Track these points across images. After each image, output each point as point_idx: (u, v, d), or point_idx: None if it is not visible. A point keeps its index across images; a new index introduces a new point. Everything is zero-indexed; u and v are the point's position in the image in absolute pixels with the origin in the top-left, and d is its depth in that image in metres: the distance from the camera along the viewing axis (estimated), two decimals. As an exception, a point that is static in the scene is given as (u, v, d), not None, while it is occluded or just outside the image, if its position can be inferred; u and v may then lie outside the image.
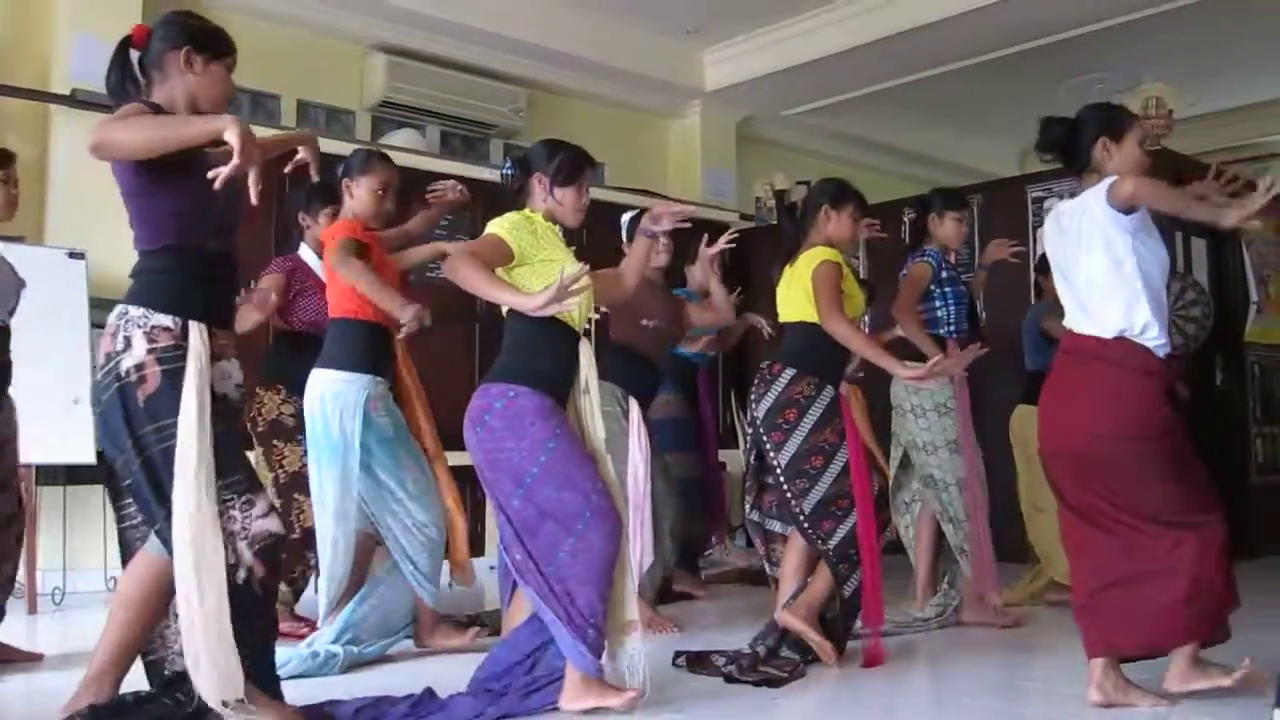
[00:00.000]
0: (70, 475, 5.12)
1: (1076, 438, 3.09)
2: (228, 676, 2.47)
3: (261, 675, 2.59)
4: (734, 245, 4.06)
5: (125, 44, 2.65)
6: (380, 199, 3.81)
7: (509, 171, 3.25)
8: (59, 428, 4.79)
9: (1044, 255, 5.70)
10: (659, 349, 4.56)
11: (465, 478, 3.97)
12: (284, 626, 3.78)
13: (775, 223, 7.93)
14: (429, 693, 3.05)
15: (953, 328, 4.40)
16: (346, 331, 3.72)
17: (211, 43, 2.65)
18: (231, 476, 2.50)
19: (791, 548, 3.74)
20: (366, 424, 3.65)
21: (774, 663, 3.53)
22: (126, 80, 2.63)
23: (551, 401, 3.00)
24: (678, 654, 3.65)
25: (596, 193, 7.10)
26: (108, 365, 2.46)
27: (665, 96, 8.27)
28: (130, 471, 2.50)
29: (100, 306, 4.72)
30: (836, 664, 3.55)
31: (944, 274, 4.41)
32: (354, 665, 3.61)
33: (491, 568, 5.89)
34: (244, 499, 2.50)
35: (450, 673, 3.33)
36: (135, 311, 2.48)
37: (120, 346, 2.45)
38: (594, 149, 7.87)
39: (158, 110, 2.54)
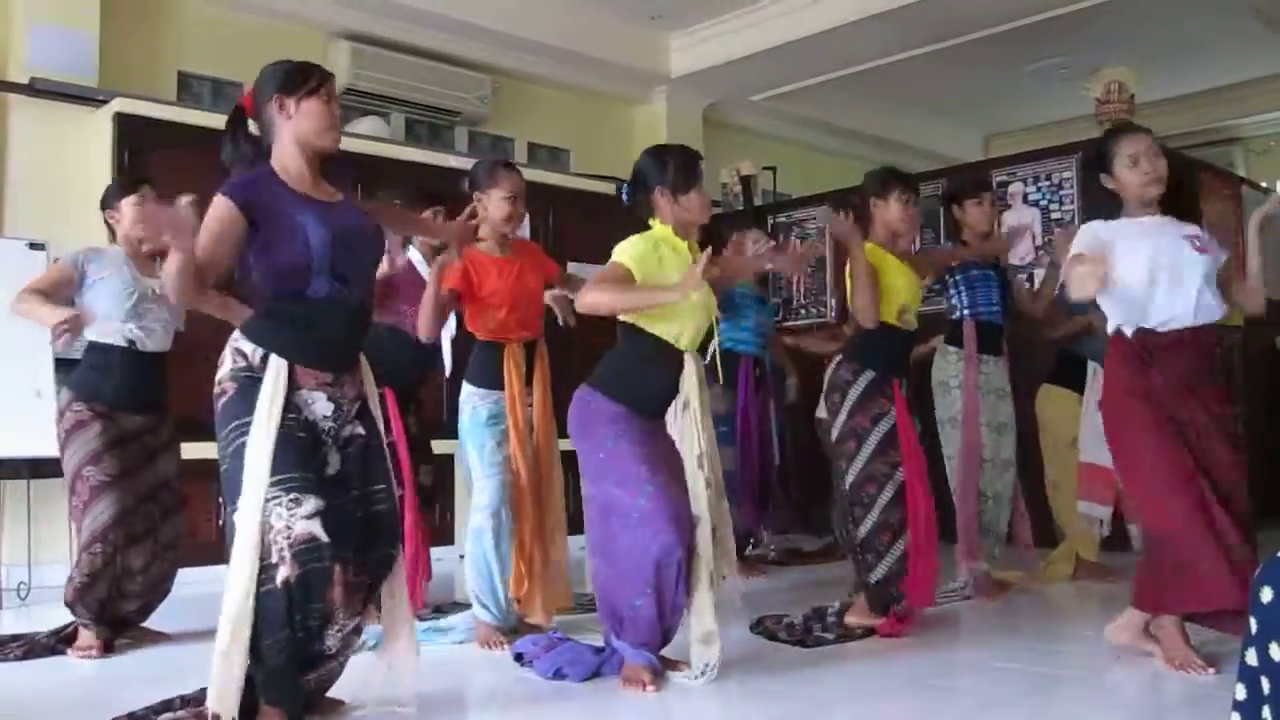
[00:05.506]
0: (34, 469, 5.05)
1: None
2: (224, 689, 2.41)
3: (277, 693, 2.52)
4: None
5: (237, 115, 2.75)
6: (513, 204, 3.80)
7: (626, 194, 3.33)
8: (21, 420, 4.76)
9: None
10: None
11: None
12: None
13: (741, 209, 7.94)
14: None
15: (967, 311, 4.57)
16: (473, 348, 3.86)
17: (295, 81, 2.68)
18: (283, 474, 2.48)
19: None
20: (476, 421, 3.78)
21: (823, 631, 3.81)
22: (239, 147, 2.75)
23: (624, 410, 3.14)
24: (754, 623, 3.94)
25: (559, 179, 7.16)
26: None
27: (631, 82, 8.25)
28: (221, 468, 2.59)
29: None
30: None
31: (955, 262, 4.55)
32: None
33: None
34: (291, 497, 2.46)
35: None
36: (236, 334, 2.64)
37: (220, 363, 2.62)
38: (558, 135, 8.02)
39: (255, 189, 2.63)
